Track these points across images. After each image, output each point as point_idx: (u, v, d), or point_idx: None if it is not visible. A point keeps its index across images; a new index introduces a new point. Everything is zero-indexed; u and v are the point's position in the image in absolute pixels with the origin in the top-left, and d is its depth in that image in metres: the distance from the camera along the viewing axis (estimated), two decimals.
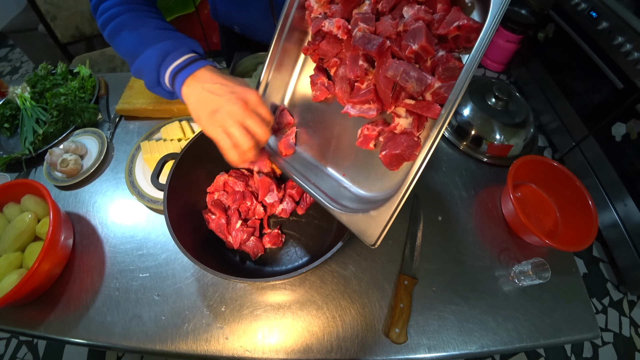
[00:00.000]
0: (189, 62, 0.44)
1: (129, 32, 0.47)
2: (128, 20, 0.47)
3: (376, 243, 0.38)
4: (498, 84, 0.81)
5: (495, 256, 0.62)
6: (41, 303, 0.60)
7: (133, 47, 0.46)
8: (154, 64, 0.44)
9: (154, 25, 0.47)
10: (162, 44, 0.44)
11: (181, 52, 0.44)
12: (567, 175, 0.66)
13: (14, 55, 2.53)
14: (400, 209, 0.36)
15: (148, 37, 0.45)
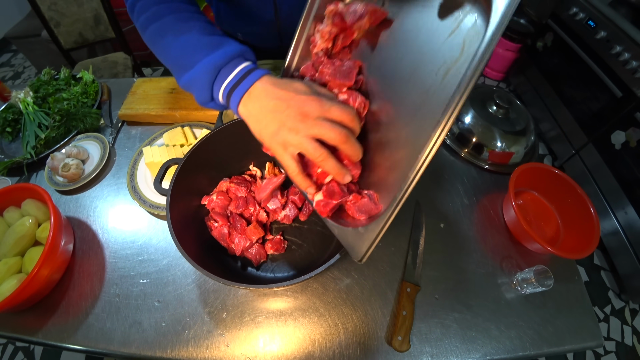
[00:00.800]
0: (243, 74, 0.39)
1: (173, 38, 0.42)
2: (170, 23, 0.43)
3: (362, 259, 0.38)
4: (499, 91, 0.82)
5: (498, 263, 0.61)
6: (40, 309, 0.59)
7: (179, 57, 0.42)
8: (206, 81, 0.40)
9: (200, 29, 0.42)
10: (212, 57, 0.39)
11: (234, 64, 0.40)
12: (568, 182, 0.66)
13: (17, 61, 2.55)
14: (387, 228, 0.36)
15: (195, 46, 0.41)
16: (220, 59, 0.39)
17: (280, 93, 0.37)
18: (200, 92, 0.41)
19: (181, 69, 0.42)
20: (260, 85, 0.38)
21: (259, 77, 0.39)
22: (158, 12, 0.44)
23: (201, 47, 0.41)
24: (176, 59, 0.42)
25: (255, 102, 0.38)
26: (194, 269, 0.61)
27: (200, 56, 0.40)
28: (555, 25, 1.64)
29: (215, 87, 0.40)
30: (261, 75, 0.39)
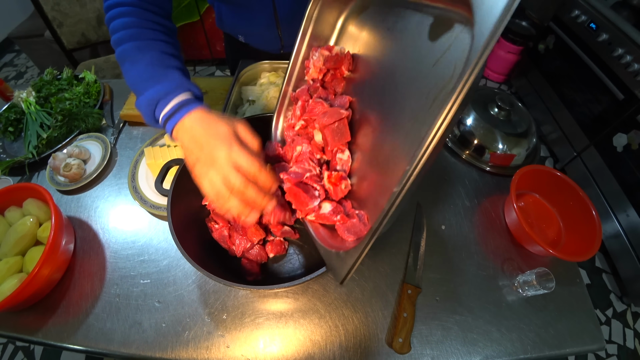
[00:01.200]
0: (177, 107, 0.44)
1: (129, 65, 0.47)
2: (128, 51, 0.48)
3: (343, 282, 0.39)
4: (500, 94, 0.82)
5: (499, 266, 0.61)
6: (40, 308, 0.59)
7: (133, 84, 0.47)
8: (148, 110, 0.46)
9: (151, 60, 0.47)
10: (152, 91, 0.45)
11: (169, 98, 0.44)
12: (570, 185, 0.66)
13: (20, 61, 2.56)
14: (365, 254, 0.36)
15: (143, 77, 0.46)
16: (156, 93, 0.44)
17: (200, 133, 0.42)
18: (146, 117, 0.47)
19: (136, 93, 0.47)
20: (188, 121, 0.43)
21: (189, 111, 0.43)
22: (122, 38, 0.48)
23: (147, 78, 0.46)
24: (131, 84, 0.48)
25: (184, 134, 0.43)
26: (195, 270, 0.61)
27: (145, 87, 0.45)
28: (557, 27, 1.64)
29: (156, 114, 0.46)
30: (192, 110, 0.43)
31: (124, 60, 0.48)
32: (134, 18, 0.49)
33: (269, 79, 0.84)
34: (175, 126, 0.44)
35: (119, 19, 0.49)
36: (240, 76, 0.84)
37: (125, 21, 0.49)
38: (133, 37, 0.48)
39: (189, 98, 0.45)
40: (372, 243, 0.35)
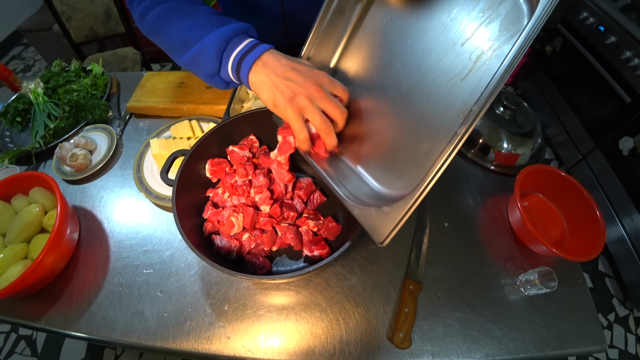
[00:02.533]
0: (251, 46, 0.42)
1: (179, 18, 0.43)
2: (178, 6, 0.44)
3: (385, 241, 0.36)
4: (506, 93, 0.82)
5: (502, 264, 0.61)
6: (44, 296, 0.60)
7: (186, 34, 0.43)
8: (215, 51, 0.41)
9: (207, 10, 0.44)
10: (221, 30, 0.41)
11: (242, 37, 0.42)
12: (574, 185, 0.66)
13: (28, 54, 2.59)
14: (414, 208, 0.36)
15: (203, 23, 0.42)
16: (229, 31, 0.41)
17: (294, 64, 0.40)
18: (208, 63, 0.42)
19: (186, 45, 0.43)
20: (270, 55, 0.41)
21: (267, 49, 0.42)
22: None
23: (210, 23, 0.42)
24: (181, 36, 0.43)
25: (269, 70, 0.40)
26: (198, 261, 0.61)
27: (209, 30, 0.41)
28: (565, 29, 1.63)
29: (224, 57, 0.42)
30: (269, 48, 0.42)
31: (171, 15, 0.44)
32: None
33: None
34: (254, 63, 0.41)
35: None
36: None
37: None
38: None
39: (255, 40, 0.43)
40: (428, 190, 0.35)
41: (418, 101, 0.41)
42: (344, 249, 0.43)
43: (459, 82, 0.38)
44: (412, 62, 0.42)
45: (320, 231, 0.57)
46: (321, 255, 0.53)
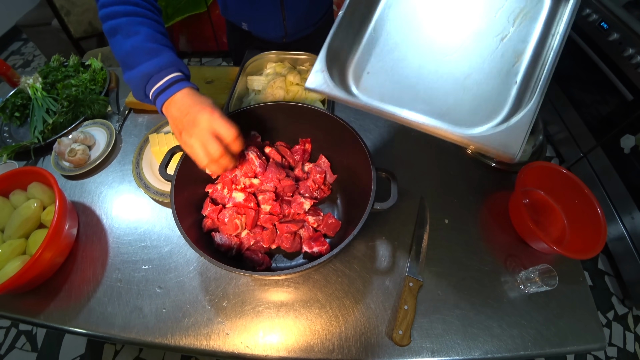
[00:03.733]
0: (169, 84, 0.48)
1: (122, 38, 0.48)
2: (123, 25, 0.48)
3: (518, 153, 0.37)
4: None
5: (502, 262, 0.61)
6: (43, 291, 0.59)
7: (124, 57, 0.48)
8: (140, 83, 0.48)
9: (145, 36, 0.48)
10: (147, 65, 0.47)
11: (163, 73, 0.48)
12: (575, 182, 0.65)
13: (27, 49, 2.57)
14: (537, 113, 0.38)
15: (137, 51, 0.48)
16: (152, 68, 0.47)
17: (188, 104, 0.46)
18: (135, 91, 0.50)
19: (125, 66, 0.49)
20: (179, 95, 0.47)
21: (181, 89, 0.48)
22: (115, 12, 0.49)
23: (142, 52, 0.48)
24: (121, 58, 0.49)
25: (173, 108, 0.47)
26: (196, 257, 0.61)
27: (139, 61, 0.47)
28: None
29: (147, 88, 0.49)
30: (183, 87, 0.48)
31: (116, 33, 0.49)
32: (122, 6, 0.50)
33: (274, 70, 0.83)
34: (166, 101, 0.47)
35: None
36: (246, 66, 0.83)
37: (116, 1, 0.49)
38: (128, 13, 0.49)
39: (179, 76, 0.49)
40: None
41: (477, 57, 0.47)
42: (344, 245, 0.43)
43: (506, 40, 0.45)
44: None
45: (319, 227, 0.56)
46: (320, 251, 0.53)
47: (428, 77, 0.47)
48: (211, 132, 0.45)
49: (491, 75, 0.46)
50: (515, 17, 0.48)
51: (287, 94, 0.76)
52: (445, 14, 0.50)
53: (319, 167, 0.60)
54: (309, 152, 0.64)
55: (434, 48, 0.48)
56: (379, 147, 0.77)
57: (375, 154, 0.76)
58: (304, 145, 0.63)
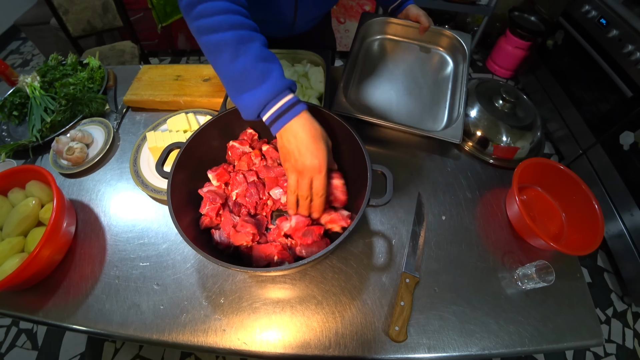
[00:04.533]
0: (284, 110, 0.46)
1: (229, 58, 0.45)
2: (230, 42, 0.45)
3: (460, 139, 0.67)
4: (505, 86, 0.81)
5: (499, 258, 0.61)
6: (41, 289, 0.60)
7: (234, 79, 0.46)
8: (255, 110, 0.47)
9: (255, 54, 0.45)
10: (261, 90, 0.45)
11: (278, 98, 0.46)
12: (573, 178, 0.65)
13: (26, 48, 2.57)
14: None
15: (249, 73, 0.45)
16: (266, 93, 0.45)
17: (305, 141, 0.46)
18: (248, 115, 0.48)
19: (234, 89, 0.47)
20: (298, 121, 0.47)
21: (298, 114, 0.47)
22: (220, 25, 0.45)
23: (255, 75, 0.45)
24: (231, 79, 0.47)
25: (290, 137, 0.47)
26: (194, 254, 0.61)
27: (252, 85, 0.45)
28: (567, 23, 1.61)
29: (261, 115, 0.48)
30: (299, 112, 0.47)
31: (222, 51, 0.45)
32: (226, 3, 0.46)
33: None
34: (283, 127, 0.47)
35: (210, 3, 0.46)
36: None
37: (219, 6, 0.46)
38: (232, 26, 0.45)
39: (293, 99, 0.47)
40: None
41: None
42: (339, 241, 0.43)
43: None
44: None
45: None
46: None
47: (396, 102, 0.82)
48: (309, 182, 0.48)
49: (432, 101, 0.82)
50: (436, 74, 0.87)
51: None
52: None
53: None
54: None
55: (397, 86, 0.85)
56: (376, 145, 0.77)
57: (372, 151, 0.76)
58: None
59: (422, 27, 0.84)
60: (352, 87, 0.84)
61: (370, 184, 0.47)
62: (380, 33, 0.94)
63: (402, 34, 0.93)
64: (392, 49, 0.92)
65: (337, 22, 2.07)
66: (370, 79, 0.85)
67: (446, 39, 0.90)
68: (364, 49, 0.91)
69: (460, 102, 0.74)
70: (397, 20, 0.90)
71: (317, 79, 0.78)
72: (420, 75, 0.87)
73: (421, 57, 0.91)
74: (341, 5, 1.96)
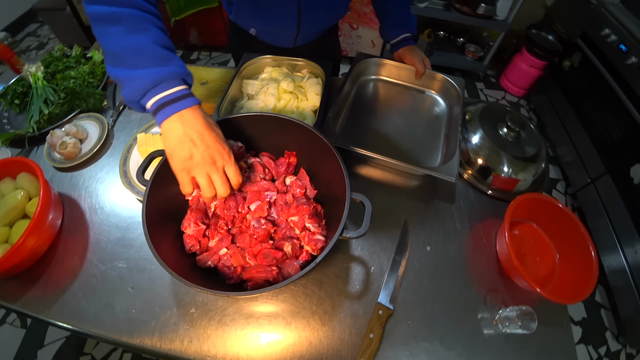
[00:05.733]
0: (179, 96, 0.44)
1: (124, 30, 0.42)
2: (126, 16, 0.42)
3: (456, 177, 0.64)
4: (512, 113, 0.78)
5: (482, 296, 0.59)
6: (23, 279, 0.60)
7: (122, 51, 0.43)
8: (143, 87, 0.43)
9: (154, 37, 0.43)
10: (159, 69, 0.42)
11: (175, 82, 0.44)
12: (571, 219, 0.62)
13: (43, 32, 2.61)
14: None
15: (145, 52, 0.42)
16: (164, 73, 0.43)
17: (205, 131, 0.44)
18: (133, 92, 0.43)
19: (121, 62, 0.43)
20: (191, 112, 0.44)
21: (193, 105, 0.44)
22: (119, 1, 0.43)
23: (152, 55, 0.43)
24: (121, 51, 0.43)
25: (182, 126, 0.43)
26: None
27: (148, 63, 0.42)
28: (585, 45, 1.56)
29: (149, 94, 0.43)
30: (194, 104, 0.45)
31: (116, 23, 0.42)
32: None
33: (270, 75, 0.82)
34: (171, 115, 0.43)
35: None
36: (242, 69, 0.82)
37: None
38: (134, 4, 0.43)
39: (186, 90, 0.45)
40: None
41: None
42: (305, 271, 0.42)
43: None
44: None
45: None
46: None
47: (388, 139, 0.80)
48: (223, 173, 0.46)
49: (425, 141, 0.80)
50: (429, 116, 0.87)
51: (278, 101, 0.75)
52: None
53: (300, 182, 0.59)
54: (294, 165, 0.63)
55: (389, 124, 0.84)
56: (368, 164, 0.75)
57: (363, 169, 0.74)
58: (289, 158, 0.62)
59: (418, 73, 0.84)
60: (342, 121, 0.82)
61: (346, 216, 0.45)
62: (374, 74, 0.93)
63: (396, 76, 0.92)
64: (386, 89, 0.92)
65: (350, 28, 2.05)
66: (361, 115, 0.84)
67: (440, 83, 0.89)
68: (357, 87, 0.90)
69: (456, 141, 0.70)
70: (391, 62, 0.90)
71: (314, 92, 0.77)
72: (414, 116, 0.85)
73: (415, 99, 0.90)
74: (354, 11, 1.94)
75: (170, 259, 0.49)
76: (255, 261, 0.52)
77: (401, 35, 0.86)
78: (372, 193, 0.70)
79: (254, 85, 0.78)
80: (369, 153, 0.68)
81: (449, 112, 0.86)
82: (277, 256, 0.51)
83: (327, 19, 0.83)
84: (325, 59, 0.84)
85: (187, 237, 0.55)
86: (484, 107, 0.81)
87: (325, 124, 0.71)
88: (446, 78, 0.87)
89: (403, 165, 0.68)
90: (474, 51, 2.13)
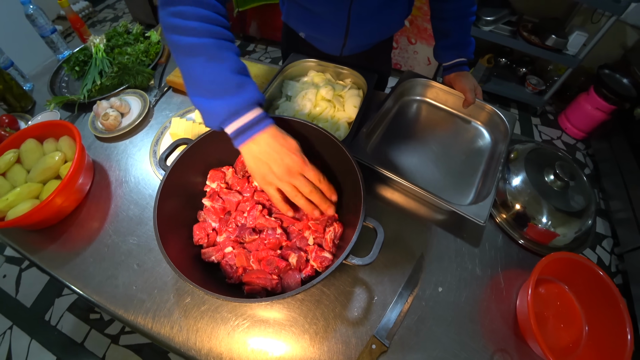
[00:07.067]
0: (255, 122, 0.47)
1: (203, 60, 0.45)
2: (208, 48, 0.45)
3: (486, 220, 0.59)
4: (562, 159, 0.70)
5: (489, 353, 0.53)
6: (45, 234, 0.65)
7: (203, 82, 0.46)
8: (222, 116, 0.46)
9: (231, 65, 0.46)
10: (235, 99, 0.46)
11: (250, 108, 0.47)
12: (611, 291, 0.54)
13: (120, 5, 2.84)
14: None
15: (223, 82, 0.46)
16: (240, 104, 0.46)
17: (276, 147, 0.47)
18: (212, 122, 0.47)
19: (201, 91, 0.47)
20: (264, 135, 0.47)
21: (265, 127, 0.47)
22: (197, 30, 0.45)
23: (230, 84, 0.46)
24: (200, 81, 0.46)
25: (256, 147, 0.47)
26: None
27: (225, 93, 0.46)
28: None
29: (225, 123, 0.47)
30: (267, 126, 0.47)
31: (198, 54, 0.45)
32: (208, 12, 0.46)
33: (312, 79, 0.81)
34: (247, 140, 0.47)
35: (191, 7, 0.46)
36: (286, 69, 0.82)
37: (200, 12, 0.46)
38: (210, 33, 0.46)
39: (262, 114, 0.48)
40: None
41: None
42: (301, 290, 0.40)
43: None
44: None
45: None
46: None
47: (420, 165, 0.75)
48: (303, 178, 0.48)
49: (461, 174, 0.74)
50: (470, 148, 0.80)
51: (314, 107, 0.74)
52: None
53: None
54: None
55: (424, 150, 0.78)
56: (393, 187, 0.71)
57: (387, 191, 0.70)
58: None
59: (466, 102, 0.78)
60: (375, 138, 0.78)
61: (355, 240, 0.43)
62: (419, 94, 0.88)
63: (443, 101, 0.87)
64: (428, 113, 0.86)
65: (407, 42, 2.00)
66: (397, 135, 0.79)
67: (488, 115, 0.81)
68: (398, 106, 0.86)
69: (494, 181, 0.65)
70: (439, 85, 0.84)
71: (352, 103, 0.75)
72: (453, 146, 0.79)
73: (458, 127, 0.83)
74: (415, 25, 1.89)
75: (174, 245, 0.50)
76: (259, 266, 0.52)
77: (455, 60, 0.81)
78: (392, 219, 0.66)
79: (294, 87, 0.78)
80: (396, 177, 0.64)
81: (493, 147, 0.79)
82: (280, 265, 0.50)
83: (379, 33, 0.80)
84: (372, 71, 0.81)
85: (197, 227, 0.56)
86: (533, 148, 0.74)
87: (356, 138, 0.69)
88: (496, 111, 0.79)
89: (430, 196, 0.62)
90: (535, 84, 1.98)
